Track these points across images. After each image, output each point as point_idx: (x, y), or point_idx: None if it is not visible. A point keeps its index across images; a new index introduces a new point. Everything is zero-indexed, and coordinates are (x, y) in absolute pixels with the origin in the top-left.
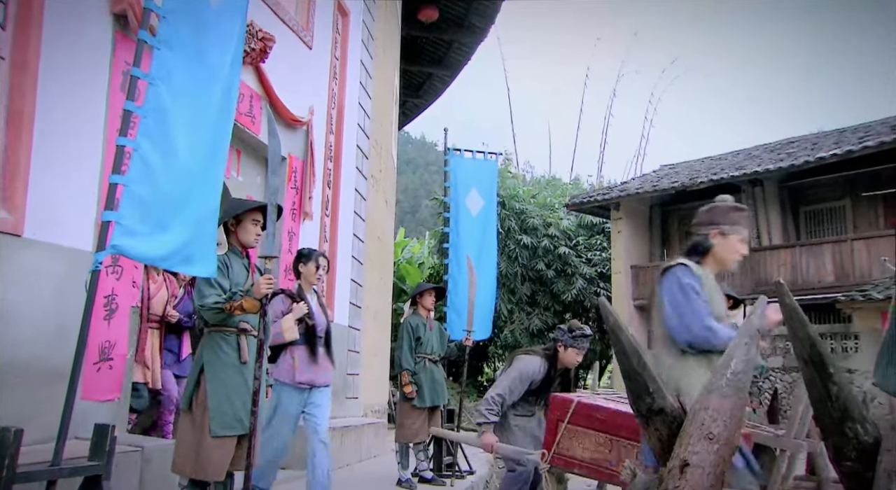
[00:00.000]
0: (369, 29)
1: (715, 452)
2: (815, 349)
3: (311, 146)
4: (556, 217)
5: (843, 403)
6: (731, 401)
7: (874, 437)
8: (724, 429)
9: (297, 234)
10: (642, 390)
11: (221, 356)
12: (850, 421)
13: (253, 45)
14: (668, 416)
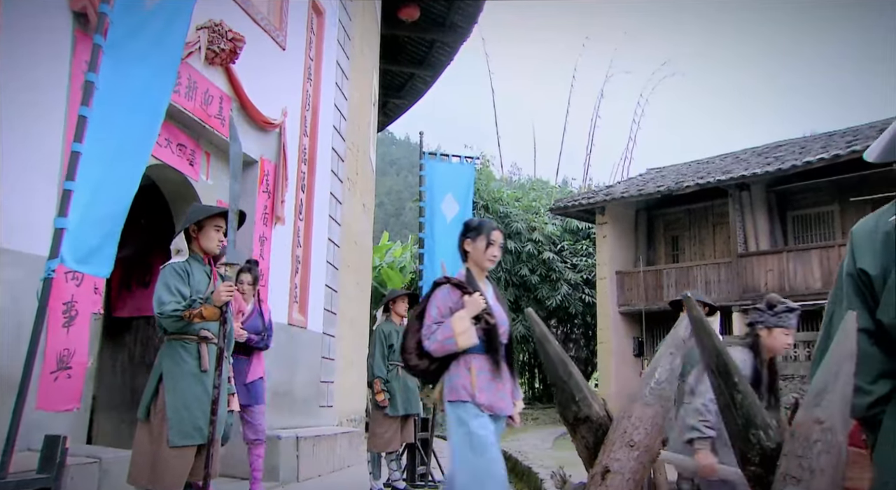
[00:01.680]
0: (346, 29)
1: (635, 459)
2: (720, 359)
3: (283, 149)
4: (540, 221)
5: (746, 411)
6: (653, 409)
7: (776, 442)
8: (644, 436)
9: (268, 238)
10: (569, 399)
11: (181, 364)
12: (754, 427)
13: (222, 45)
14: (594, 424)
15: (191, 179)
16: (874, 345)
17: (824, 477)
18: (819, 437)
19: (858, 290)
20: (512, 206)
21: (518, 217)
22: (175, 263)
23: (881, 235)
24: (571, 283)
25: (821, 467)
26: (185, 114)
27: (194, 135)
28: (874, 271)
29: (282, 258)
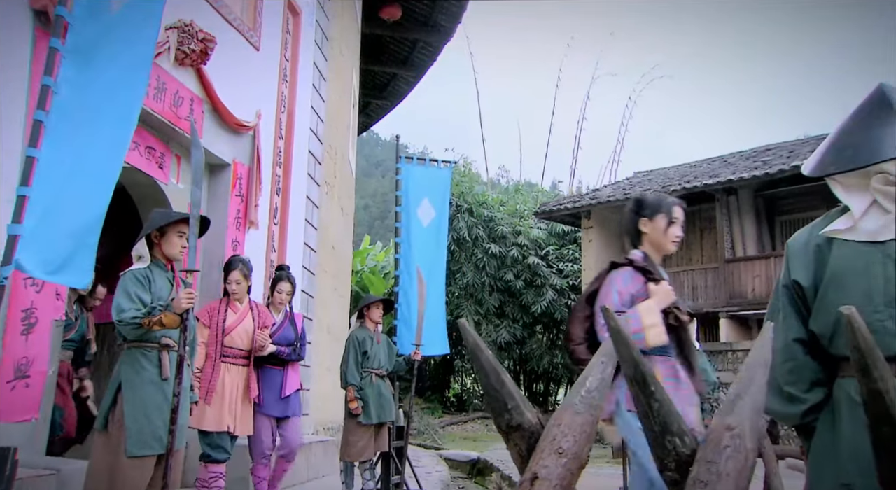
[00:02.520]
0: (323, 29)
1: (563, 466)
2: (638, 369)
3: (257, 152)
4: (526, 225)
5: (662, 418)
6: (583, 417)
7: (692, 449)
8: (573, 444)
9: (241, 243)
10: (501, 407)
11: (141, 373)
12: (670, 434)
13: (193, 46)
14: (526, 432)
15: (160, 183)
16: (807, 354)
17: (730, 480)
18: (728, 443)
19: (793, 301)
20: (497, 210)
21: (503, 221)
22: (136, 270)
23: (813, 248)
24: (557, 288)
25: (727, 471)
26: (154, 116)
27: (164, 137)
28: (806, 283)
29: (255, 263)
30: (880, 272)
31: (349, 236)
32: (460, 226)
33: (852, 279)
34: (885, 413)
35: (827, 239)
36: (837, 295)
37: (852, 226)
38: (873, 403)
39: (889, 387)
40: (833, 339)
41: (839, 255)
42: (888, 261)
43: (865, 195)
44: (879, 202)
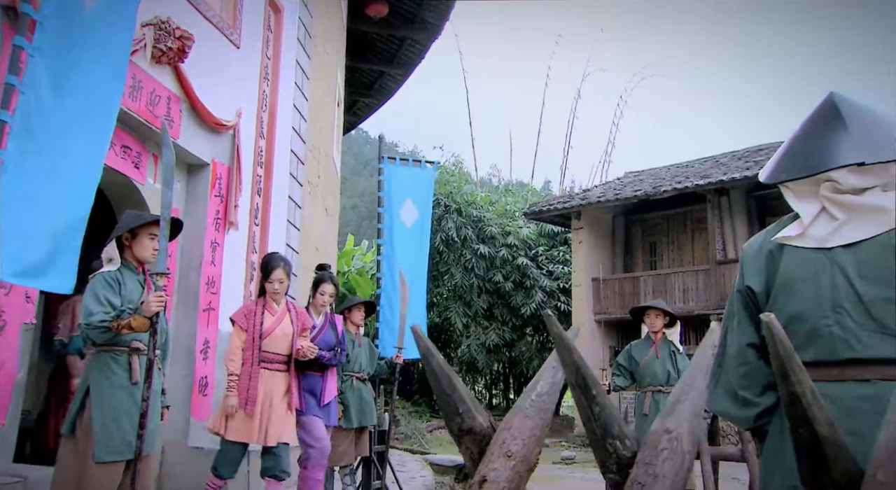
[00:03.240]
0: (306, 26)
1: (511, 469)
2: (579, 373)
3: (237, 151)
4: (515, 225)
5: (604, 421)
6: (533, 421)
7: (632, 451)
8: (521, 447)
9: (220, 244)
10: (453, 411)
11: (111, 377)
12: (611, 437)
13: (170, 44)
14: (478, 435)
15: (137, 183)
16: (760, 359)
17: (665, 481)
18: (666, 446)
19: (746, 306)
20: (486, 210)
21: (492, 221)
22: (105, 272)
23: (765, 254)
24: (547, 290)
25: (664, 473)
26: (130, 115)
27: (140, 137)
28: (759, 288)
29: (235, 264)
30: (827, 278)
31: (334, 237)
32: (448, 226)
33: (801, 285)
34: (803, 416)
35: (779, 245)
36: (787, 300)
37: (802, 232)
38: (791, 407)
39: (805, 390)
40: None
41: (789, 261)
42: (835, 267)
43: (815, 202)
44: (828, 209)
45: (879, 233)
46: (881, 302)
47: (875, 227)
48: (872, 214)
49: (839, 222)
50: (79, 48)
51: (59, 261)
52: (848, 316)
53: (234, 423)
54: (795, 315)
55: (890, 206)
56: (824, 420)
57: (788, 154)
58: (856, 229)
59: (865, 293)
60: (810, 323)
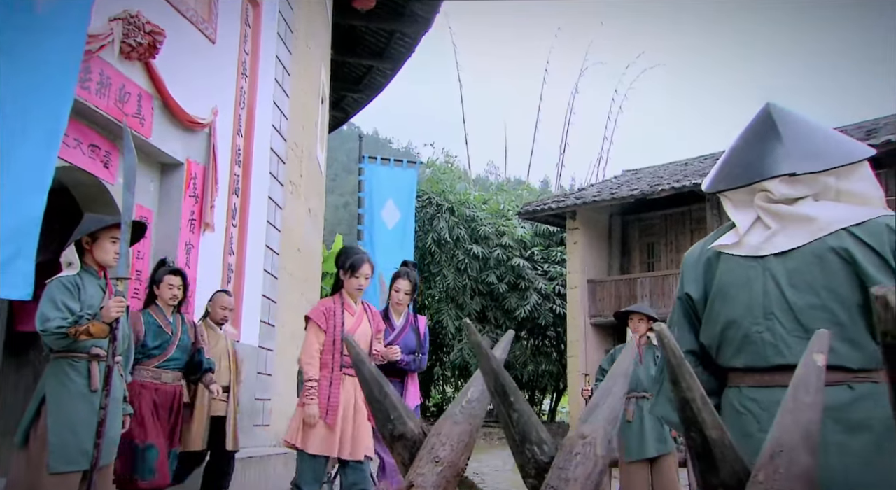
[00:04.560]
0: (287, 21)
1: (438, 474)
2: (498, 381)
3: (213, 150)
4: (510, 225)
5: (522, 428)
6: (461, 427)
7: (550, 456)
8: (450, 452)
9: (195, 246)
10: (385, 418)
11: (68, 385)
12: (529, 443)
13: (140, 39)
14: (409, 441)
15: (106, 183)
16: (699, 365)
17: (577, 485)
18: (580, 450)
19: (686, 313)
20: (479, 209)
21: (486, 221)
22: (63, 277)
23: (704, 262)
24: (542, 292)
25: (575, 477)
26: (98, 112)
27: (109, 135)
28: (697, 296)
29: (211, 267)
30: (760, 286)
31: (318, 238)
32: (441, 226)
33: (735, 292)
34: (694, 420)
35: (716, 253)
36: (723, 307)
37: (738, 241)
38: (683, 411)
39: (696, 396)
40: (720, 350)
41: (725, 268)
42: (767, 275)
43: (751, 212)
44: (762, 219)
45: (808, 241)
46: (808, 309)
47: (805, 235)
48: (802, 224)
49: (772, 231)
50: (29, 46)
51: (14, 266)
52: (778, 322)
53: (315, 435)
54: (730, 321)
55: (818, 216)
56: (713, 424)
57: (727, 164)
58: (787, 238)
59: (794, 300)
60: (744, 329)
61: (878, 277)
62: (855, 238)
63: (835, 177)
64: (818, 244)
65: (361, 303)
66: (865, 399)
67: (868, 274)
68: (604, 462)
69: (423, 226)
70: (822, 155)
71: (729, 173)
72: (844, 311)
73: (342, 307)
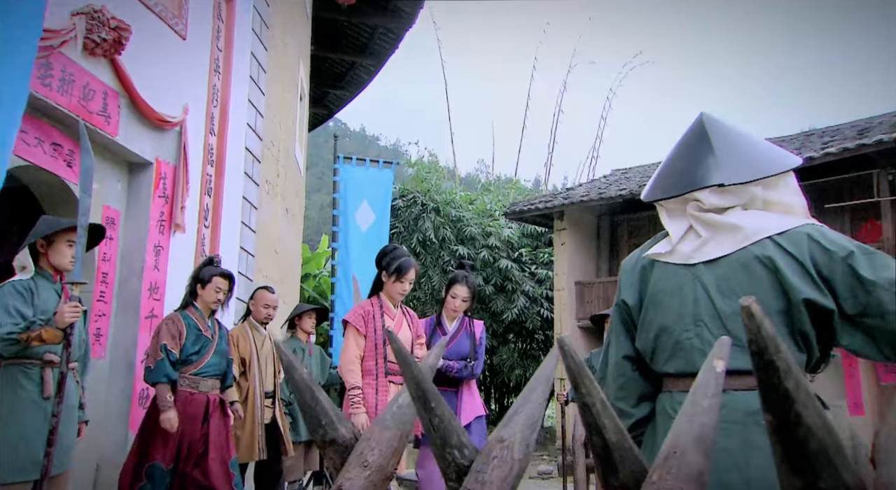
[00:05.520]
0: (262, 16)
1: (366, 478)
2: (419, 387)
3: (184, 149)
4: (497, 225)
5: (443, 432)
6: (391, 432)
7: (470, 460)
8: (378, 457)
9: (165, 248)
10: (316, 423)
11: (20, 392)
12: (450, 447)
13: (104, 34)
14: (340, 446)
15: (69, 182)
16: (636, 371)
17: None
18: (497, 454)
19: (623, 320)
20: (465, 210)
21: (472, 221)
22: (16, 281)
23: (639, 269)
24: (530, 295)
25: (491, 480)
26: (60, 110)
27: (72, 133)
28: (633, 302)
29: (182, 269)
30: (690, 293)
31: (297, 239)
32: (426, 226)
33: (667, 299)
34: (594, 424)
35: (651, 261)
36: (656, 314)
37: (671, 249)
38: (584, 415)
39: (595, 401)
40: (653, 355)
41: (658, 276)
42: (697, 282)
43: (684, 221)
44: (694, 227)
45: (735, 250)
46: (734, 315)
47: (732, 244)
48: (730, 232)
49: (702, 240)
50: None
51: None
52: (707, 329)
53: None
54: (663, 328)
55: (744, 225)
56: (613, 428)
57: (662, 174)
58: (716, 246)
59: (722, 307)
60: (675, 336)
61: (798, 284)
62: (778, 246)
63: (762, 187)
64: (744, 252)
65: (400, 306)
66: None
67: (789, 281)
68: (520, 465)
69: (408, 226)
70: (750, 166)
71: (663, 183)
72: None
73: (381, 310)
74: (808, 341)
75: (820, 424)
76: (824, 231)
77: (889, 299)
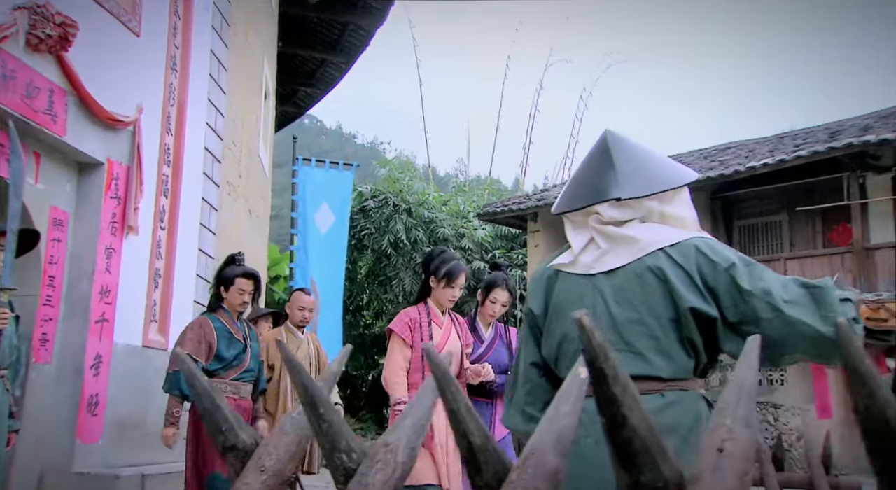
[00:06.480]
0: (223, 13)
1: (262, 483)
2: (307, 393)
3: (138, 149)
4: (470, 227)
5: (332, 437)
6: (289, 437)
7: (357, 463)
8: (275, 462)
9: (117, 250)
10: (217, 429)
11: None
12: (338, 451)
13: (48, 30)
14: (241, 452)
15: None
16: (542, 377)
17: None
18: (381, 458)
19: (531, 327)
20: (438, 210)
21: (445, 222)
22: None
23: (545, 279)
24: None
25: (374, 482)
26: (1, 108)
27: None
28: (538, 311)
29: (135, 272)
30: (590, 302)
31: (262, 241)
32: (398, 227)
33: (569, 308)
34: (460, 428)
35: (556, 271)
36: (559, 323)
37: (573, 260)
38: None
39: (461, 407)
40: (557, 362)
41: (561, 286)
42: (596, 292)
43: (586, 233)
44: (595, 239)
45: (631, 261)
46: (629, 323)
47: (629, 255)
48: (627, 244)
49: (602, 251)
50: None
51: None
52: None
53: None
54: (565, 336)
55: (640, 237)
56: (477, 431)
57: (569, 188)
58: (614, 257)
59: (618, 316)
60: (576, 343)
61: (685, 294)
62: (669, 258)
63: (658, 201)
64: (638, 263)
65: (448, 313)
66: (674, 405)
67: (678, 291)
68: (404, 468)
69: (380, 227)
70: (647, 181)
71: (568, 196)
72: (659, 325)
73: (429, 318)
74: (696, 347)
75: (644, 426)
76: (712, 244)
77: (762, 307)
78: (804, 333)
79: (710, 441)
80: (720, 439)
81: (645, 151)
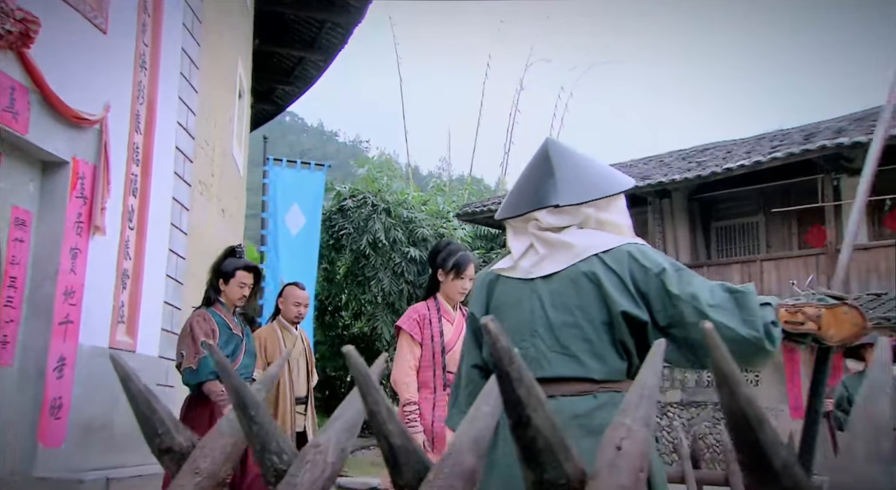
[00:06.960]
0: (194, 10)
1: (196, 485)
2: (239, 396)
3: (105, 148)
4: (450, 227)
5: (262, 439)
6: (226, 439)
7: (288, 464)
8: (210, 464)
9: (83, 250)
10: (153, 432)
11: None
12: (269, 452)
13: (8, 27)
14: (177, 454)
15: None
16: (483, 378)
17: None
18: (311, 458)
19: (473, 330)
20: (417, 210)
21: (424, 222)
22: None
23: (487, 283)
24: None
25: (302, 483)
26: None
27: None
28: (479, 314)
29: (102, 273)
30: (528, 306)
31: (237, 240)
32: (376, 228)
33: (508, 311)
34: (381, 430)
35: (497, 275)
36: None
37: (513, 265)
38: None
39: (381, 408)
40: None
41: (501, 290)
42: (534, 296)
43: (525, 238)
44: (534, 245)
45: (567, 266)
46: (564, 326)
47: (565, 260)
48: (564, 250)
49: (540, 256)
50: None
51: None
52: (541, 339)
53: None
54: None
55: (576, 243)
56: (397, 432)
57: (511, 195)
58: (552, 262)
59: (554, 319)
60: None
61: (618, 298)
62: (602, 263)
63: (594, 208)
64: (574, 268)
65: (459, 307)
66: (606, 406)
67: (611, 295)
68: (333, 468)
69: (358, 227)
70: (584, 188)
71: (510, 203)
72: (593, 328)
73: (438, 313)
74: (629, 350)
75: (547, 425)
76: (644, 249)
77: (689, 312)
78: (726, 336)
79: (609, 439)
80: (619, 438)
81: (585, 160)
